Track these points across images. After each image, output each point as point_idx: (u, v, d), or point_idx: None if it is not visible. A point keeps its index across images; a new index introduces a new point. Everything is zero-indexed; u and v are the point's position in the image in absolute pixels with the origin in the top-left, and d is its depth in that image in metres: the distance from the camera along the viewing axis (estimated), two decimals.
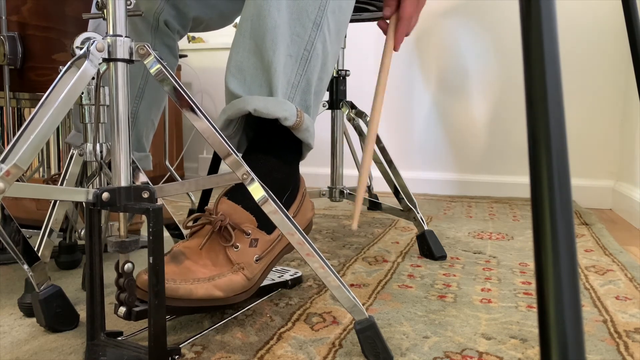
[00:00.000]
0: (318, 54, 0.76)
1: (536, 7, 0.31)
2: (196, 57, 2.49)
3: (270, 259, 0.74)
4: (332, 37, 0.77)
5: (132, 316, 0.60)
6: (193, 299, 0.64)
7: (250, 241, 0.70)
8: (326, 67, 0.78)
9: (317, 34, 0.75)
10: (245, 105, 0.72)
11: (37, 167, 1.55)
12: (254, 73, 0.74)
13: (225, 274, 0.67)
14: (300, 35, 0.74)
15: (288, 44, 0.73)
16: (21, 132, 0.56)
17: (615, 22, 1.82)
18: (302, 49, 0.74)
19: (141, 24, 1.02)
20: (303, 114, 0.75)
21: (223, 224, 0.69)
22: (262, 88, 0.73)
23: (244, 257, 0.70)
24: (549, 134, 0.30)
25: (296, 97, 0.75)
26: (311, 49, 0.75)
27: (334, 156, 1.35)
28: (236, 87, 0.74)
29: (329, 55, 0.78)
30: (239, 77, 0.74)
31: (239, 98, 0.73)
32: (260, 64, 0.73)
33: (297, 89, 0.75)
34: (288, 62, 0.74)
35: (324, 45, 0.76)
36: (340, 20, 0.79)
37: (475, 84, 2.01)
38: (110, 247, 0.59)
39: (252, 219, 0.71)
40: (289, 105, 0.73)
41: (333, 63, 0.81)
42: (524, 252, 1.14)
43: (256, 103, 0.71)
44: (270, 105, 0.72)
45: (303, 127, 0.75)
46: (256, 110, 0.71)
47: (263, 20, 0.72)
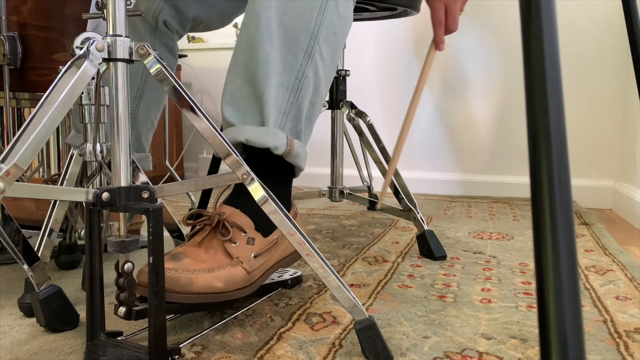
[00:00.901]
0: (309, 81, 0.78)
1: (536, 7, 0.31)
2: (196, 57, 2.49)
3: (268, 262, 0.75)
4: (326, 63, 0.80)
5: (132, 316, 0.60)
6: (194, 291, 0.64)
7: (247, 239, 0.73)
8: (318, 93, 0.81)
9: (308, 63, 0.77)
10: (238, 135, 0.75)
11: (37, 167, 1.55)
12: (247, 102, 0.77)
13: (224, 267, 0.69)
14: (291, 64, 0.77)
15: (280, 74, 0.76)
16: (21, 132, 0.56)
17: (615, 22, 1.82)
18: (294, 77, 0.77)
19: (140, 24, 1.02)
20: (293, 141, 0.78)
21: (221, 219, 0.71)
22: (255, 117, 0.76)
23: (243, 252, 0.71)
24: (549, 134, 0.30)
25: (287, 124, 0.78)
26: (302, 78, 0.78)
27: (334, 156, 1.35)
28: (230, 115, 0.77)
29: (322, 81, 0.81)
30: (233, 105, 0.77)
31: (233, 127, 0.76)
32: (253, 93, 0.76)
33: (289, 116, 0.78)
34: (279, 92, 0.76)
35: (316, 72, 0.79)
36: (334, 47, 0.81)
37: (475, 84, 2.01)
38: (110, 247, 0.59)
39: (249, 221, 0.74)
40: (279, 135, 0.76)
41: (327, 87, 0.83)
42: (524, 252, 1.14)
43: (248, 133, 0.75)
44: (262, 135, 0.75)
45: (293, 153, 0.78)
46: (248, 140, 0.75)
47: (255, 51, 0.75)
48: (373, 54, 2.13)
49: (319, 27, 0.77)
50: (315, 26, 0.77)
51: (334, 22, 0.79)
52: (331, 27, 0.78)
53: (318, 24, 0.77)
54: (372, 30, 2.11)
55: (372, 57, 2.13)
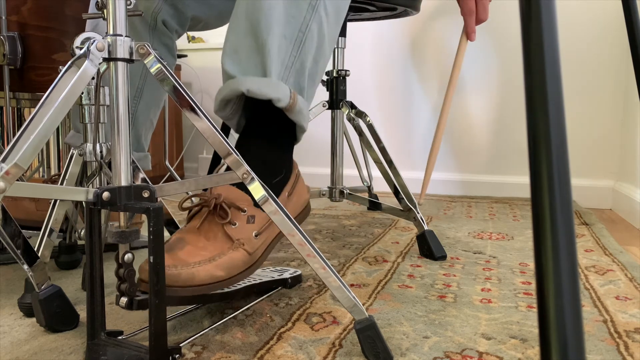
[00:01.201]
0: (313, 35, 0.76)
1: (536, 7, 0.31)
2: (196, 57, 2.49)
3: (270, 236, 0.74)
4: (330, 18, 0.77)
5: (134, 306, 0.60)
6: (196, 284, 0.64)
7: (247, 217, 0.71)
8: (322, 49, 0.78)
9: (312, 16, 0.75)
10: (238, 85, 0.72)
11: (37, 167, 1.55)
12: (248, 54, 0.74)
13: (225, 252, 0.67)
14: (295, 16, 0.74)
15: (283, 25, 0.74)
16: (21, 132, 0.56)
17: (615, 22, 1.82)
18: (297, 30, 0.75)
19: (139, 23, 1.02)
20: (297, 95, 0.75)
21: (218, 202, 0.69)
22: (257, 69, 0.74)
23: (243, 233, 0.70)
24: (549, 134, 0.30)
25: (290, 78, 0.75)
26: (306, 30, 0.75)
27: (334, 156, 1.35)
28: (231, 68, 0.75)
29: (326, 37, 0.78)
30: (234, 57, 0.75)
31: (233, 78, 0.74)
32: (255, 45, 0.74)
33: (291, 70, 0.75)
34: (282, 44, 0.74)
35: (320, 27, 0.76)
36: (339, 3, 0.79)
37: (476, 84, 2.01)
38: (111, 238, 0.59)
39: (247, 197, 0.71)
40: (282, 87, 0.73)
41: (330, 46, 0.81)
42: (524, 252, 1.14)
43: (249, 84, 0.72)
44: (264, 86, 0.72)
45: (296, 108, 0.75)
46: (249, 91, 0.72)
47: (258, 1, 0.73)
48: (373, 54, 2.13)
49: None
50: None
51: None
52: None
53: None
54: (372, 30, 2.11)
55: (372, 57, 2.13)
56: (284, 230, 0.62)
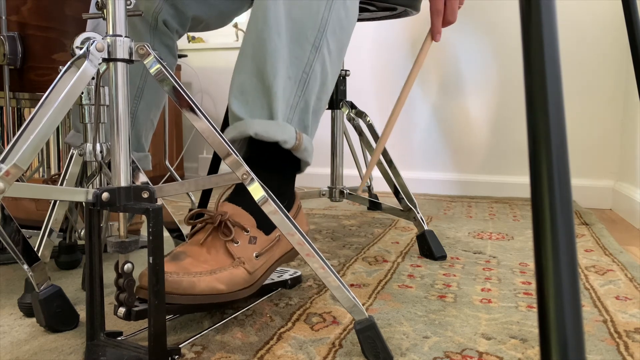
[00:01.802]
0: (317, 75, 0.78)
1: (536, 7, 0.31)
2: (196, 57, 2.49)
3: (270, 260, 0.75)
4: (333, 56, 0.80)
5: (132, 316, 0.60)
6: (196, 293, 0.64)
7: (249, 238, 0.72)
8: (325, 87, 0.81)
9: (315, 56, 0.77)
10: (246, 128, 0.74)
11: (37, 167, 1.55)
12: (255, 96, 0.76)
13: (226, 268, 0.68)
14: (299, 57, 0.77)
15: (287, 67, 0.76)
16: (21, 132, 0.56)
17: (615, 22, 1.82)
18: (301, 71, 0.77)
19: (140, 23, 1.02)
20: (302, 135, 0.78)
21: (223, 219, 0.71)
22: (263, 110, 0.76)
23: (244, 252, 0.71)
24: (549, 134, 0.30)
25: (294, 117, 0.77)
26: (309, 71, 0.77)
27: (334, 156, 1.35)
28: (239, 109, 0.77)
29: (329, 75, 0.80)
30: (241, 99, 0.77)
31: (241, 120, 0.76)
32: (262, 86, 0.76)
33: (296, 110, 0.77)
34: (287, 85, 0.76)
35: (323, 66, 0.79)
36: (341, 40, 0.81)
37: (475, 84, 2.01)
38: (110, 248, 0.59)
39: (251, 219, 0.74)
40: (288, 129, 0.76)
41: (333, 81, 0.83)
42: (524, 252, 1.14)
43: (257, 127, 0.74)
44: (271, 129, 0.74)
45: (302, 148, 0.77)
46: (257, 134, 0.74)
47: (264, 44, 0.75)
48: (373, 54, 2.13)
49: (327, 21, 0.77)
50: (322, 19, 0.77)
51: (341, 15, 0.79)
52: (338, 20, 0.78)
53: (326, 17, 0.77)
54: (372, 30, 2.11)
55: (372, 57, 2.13)
56: (283, 230, 0.62)
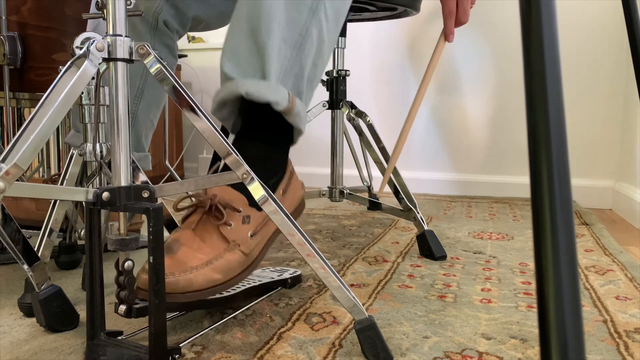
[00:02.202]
0: (313, 39, 0.76)
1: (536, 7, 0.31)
2: (196, 57, 2.49)
3: (266, 236, 0.73)
4: (330, 23, 0.77)
5: (133, 313, 0.60)
6: (194, 290, 0.64)
7: (242, 218, 0.70)
8: (321, 54, 0.78)
9: (312, 20, 0.75)
10: (237, 88, 0.72)
11: (37, 167, 1.55)
12: (248, 56, 0.74)
13: (222, 255, 0.67)
14: (295, 20, 0.74)
15: (283, 29, 0.73)
16: (21, 132, 0.56)
17: (615, 22, 1.82)
18: (297, 34, 0.75)
19: (140, 23, 1.02)
20: (295, 98, 0.75)
21: (213, 203, 0.69)
22: (256, 71, 0.74)
23: (239, 234, 0.69)
24: (549, 134, 0.30)
25: (288, 81, 0.75)
26: (306, 35, 0.75)
27: (334, 156, 1.35)
28: (230, 70, 0.74)
29: (325, 42, 0.78)
30: (233, 59, 0.75)
31: (232, 80, 0.74)
32: (255, 47, 0.73)
33: (290, 73, 0.75)
34: (282, 47, 0.74)
35: (320, 31, 0.76)
36: (339, 7, 0.79)
37: (475, 84, 2.01)
38: (110, 245, 0.59)
39: (242, 197, 0.71)
40: (281, 90, 0.73)
41: (329, 49, 0.80)
42: (524, 252, 1.14)
43: (248, 86, 0.72)
44: (262, 89, 0.72)
45: (294, 111, 0.75)
46: (248, 94, 0.72)
47: (259, 4, 0.73)
48: (373, 54, 2.13)
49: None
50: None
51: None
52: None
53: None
54: (372, 30, 2.11)
55: (372, 57, 2.13)
56: (283, 230, 0.62)
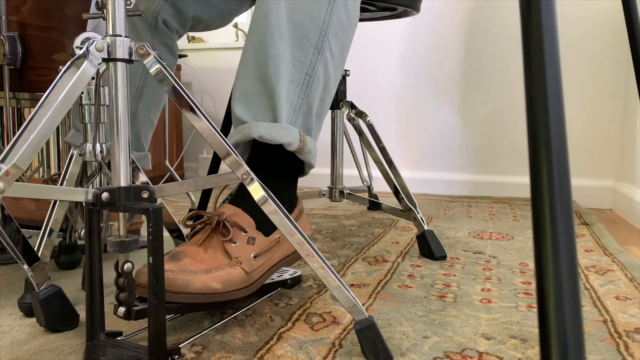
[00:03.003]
0: (319, 77, 0.78)
1: (536, 7, 0.31)
2: (196, 57, 2.49)
3: (269, 262, 0.75)
4: (335, 58, 0.80)
5: (132, 316, 0.60)
6: (190, 292, 0.64)
7: (248, 239, 0.72)
8: (328, 89, 0.81)
9: (318, 59, 0.78)
10: (250, 131, 0.75)
11: (37, 167, 1.55)
12: (258, 99, 0.77)
13: (222, 267, 0.68)
14: (301, 60, 0.77)
15: (290, 70, 0.76)
16: (21, 132, 0.56)
17: (615, 22, 1.82)
18: (304, 73, 0.77)
19: (140, 23, 1.02)
20: (306, 137, 0.78)
21: (221, 219, 0.71)
22: (267, 113, 0.76)
23: (242, 252, 0.71)
24: (549, 134, 0.30)
25: (298, 120, 0.78)
26: (312, 74, 0.78)
27: (334, 156, 1.35)
28: (242, 113, 0.77)
29: (331, 77, 0.81)
30: (244, 103, 0.77)
31: (245, 124, 0.76)
32: (265, 90, 0.76)
33: (299, 112, 0.78)
34: (290, 87, 0.76)
35: (326, 68, 0.79)
36: (343, 42, 0.81)
37: (475, 84, 2.01)
38: (110, 247, 0.59)
39: (250, 220, 0.74)
40: (292, 131, 0.76)
41: (336, 83, 0.83)
42: (524, 252, 1.14)
43: (261, 130, 0.74)
44: (275, 131, 0.75)
45: (305, 150, 0.78)
46: (261, 137, 0.74)
47: (266, 47, 0.75)
48: (373, 54, 2.13)
49: (328, 23, 0.77)
50: (324, 22, 0.77)
51: (342, 17, 0.79)
52: (340, 23, 0.79)
53: (327, 20, 0.77)
54: (372, 30, 2.11)
55: (372, 57, 2.13)
56: (283, 230, 0.62)
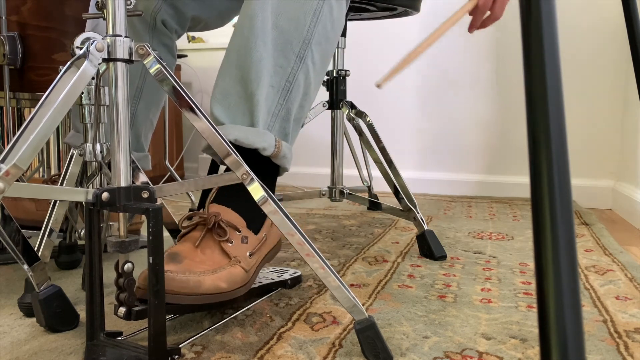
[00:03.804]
0: (300, 84, 0.79)
1: (536, 7, 0.31)
2: (196, 57, 2.49)
3: (259, 258, 0.76)
4: (317, 67, 0.81)
5: (132, 316, 0.60)
6: (201, 293, 0.65)
7: (241, 238, 0.73)
8: (308, 96, 0.82)
9: (299, 66, 0.78)
10: (227, 133, 0.75)
11: (37, 167, 1.55)
12: (237, 102, 0.77)
13: (224, 267, 0.69)
14: (283, 66, 0.77)
15: (271, 75, 0.77)
16: (21, 132, 0.56)
17: (615, 22, 1.82)
18: (284, 80, 0.78)
19: (139, 23, 1.02)
20: (281, 143, 0.78)
21: (217, 220, 0.71)
22: (245, 117, 0.77)
23: (239, 251, 0.72)
24: (549, 134, 0.30)
25: (275, 125, 0.78)
26: (293, 80, 0.78)
27: (334, 156, 1.35)
28: (220, 114, 0.78)
29: (312, 85, 0.81)
30: (223, 103, 0.78)
31: (222, 125, 0.77)
32: (244, 93, 0.77)
33: (277, 117, 0.78)
34: (270, 93, 0.77)
35: (307, 76, 0.80)
36: (326, 50, 0.82)
37: (475, 83, 2.01)
38: (110, 247, 0.59)
39: (241, 220, 0.74)
40: (268, 136, 0.77)
41: (316, 90, 0.84)
42: (524, 252, 1.14)
43: (237, 133, 0.75)
44: (251, 135, 0.75)
45: (280, 155, 0.78)
46: (237, 140, 0.75)
47: (249, 52, 0.76)
48: (373, 54, 2.13)
49: (312, 32, 0.78)
50: (308, 31, 0.78)
51: (327, 27, 0.80)
52: (324, 31, 0.79)
53: (312, 29, 0.78)
54: (372, 30, 2.11)
55: (372, 57, 2.13)
56: (283, 230, 0.62)
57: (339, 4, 0.81)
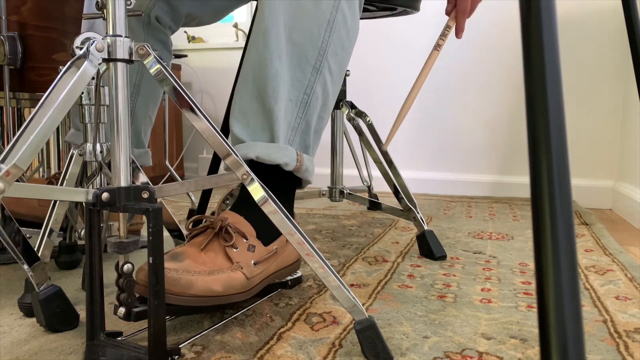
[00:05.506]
0: (318, 96, 0.79)
1: (536, 7, 0.31)
2: (196, 57, 2.49)
3: (266, 272, 0.75)
4: (334, 77, 0.80)
5: (132, 317, 0.60)
6: (192, 294, 0.64)
7: (248, 245, 0.73)
8: (326, 107, 0.81)
9: (316, 78, 0.78)
10: (248, 151, 0.75)
11: (37, 167, 1.55)
12: (256, 119, 0.77)
13: (224, 270, 0.69)
14: (300, 80, 0.77)
15: (289, 90, 0.76)
16: (21, 132, 0.56)
17: (615, 22, 1.82)
18: (302, 93, 0.78)
19: (133, 20, 1.02)
20: (303, 156, 0.78)
21: (224, 225, 0.71)
22: (265, 133, 0.77)
23: (243, 258, 0.71)
24: (549, 134, 0.30)
25: (296, 138, 0.78)
26: (311, 93, 0.78)
27: (334, 156, 1.35)
28: (240, 132, 0.77)
29: (330, 95, 0.81)
30: (242, 121, 0.78)
31: (243, 143, 0.76)
32: (262, 110, 0.76)
33: (297, 131, 0.78)
34: (288, 107, 0.77)
35: (324, 87, 0.79)
36: (342, 59, 0.81)
37: (475, 84, 2.01)
38: (110, 248, 0.59)
39: (251, 229, 0.74)
40: (289, 151, 0.76)
41: (334, 100, 0.83)
42: (524, 252, 1.14)
43: (259, 150, 0.75)
44: (272, 152, 0.75)
45: (303, 168, 0.78)
46: (259, 157, 0.75)
47: (265, 68, 0.75)
48: (373, 54, 2.13)
49: (327, 43, 0.77)
50: (323, 42, 0.77)
51: (342, 36, 0.79)
52: (339, 41, 0.79)
53: (326, 40, 0.77)
54: (372, 30, 2.11)
55: (372, 57, 2.13)
56: (283, 229, 0.62)
57: (352, 12, 0.80)
